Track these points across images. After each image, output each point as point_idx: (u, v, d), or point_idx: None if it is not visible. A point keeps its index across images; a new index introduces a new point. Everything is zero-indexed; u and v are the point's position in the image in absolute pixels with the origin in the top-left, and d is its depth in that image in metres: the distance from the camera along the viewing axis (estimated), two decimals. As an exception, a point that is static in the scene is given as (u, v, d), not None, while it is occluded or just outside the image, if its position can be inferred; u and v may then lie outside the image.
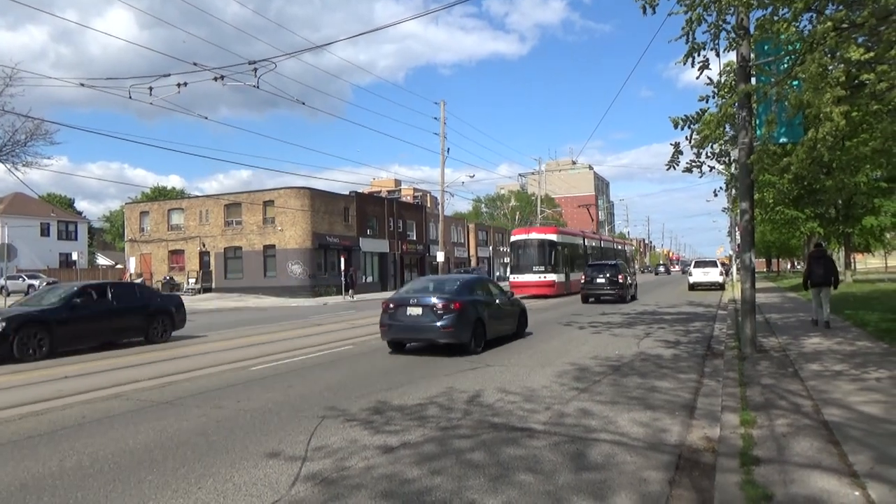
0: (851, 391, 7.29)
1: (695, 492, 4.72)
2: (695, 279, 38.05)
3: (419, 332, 12.41)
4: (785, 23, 8.93)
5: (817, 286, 14.32)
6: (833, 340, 11.68)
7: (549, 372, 9.91)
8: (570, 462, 5.40)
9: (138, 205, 52.64)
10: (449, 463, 5.43)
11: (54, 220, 64.27)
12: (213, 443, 6.28)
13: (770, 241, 49.48)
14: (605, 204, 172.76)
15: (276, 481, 5.08)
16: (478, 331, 12.45)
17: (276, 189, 44.96)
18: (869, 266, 64.33)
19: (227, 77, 19.68)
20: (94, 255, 75.61)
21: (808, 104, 8.58)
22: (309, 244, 42.58)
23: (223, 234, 45.30)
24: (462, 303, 12.31)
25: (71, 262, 55.50)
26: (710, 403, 7.45)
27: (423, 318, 12.25)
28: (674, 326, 16.63)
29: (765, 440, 5.55)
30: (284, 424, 6.95)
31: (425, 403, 7.83)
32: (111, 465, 5.60)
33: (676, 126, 11.74)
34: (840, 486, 4.35)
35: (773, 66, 10.53)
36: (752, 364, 9.66)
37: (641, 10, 10.57)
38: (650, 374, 9.62)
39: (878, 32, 8.14)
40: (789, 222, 31.93)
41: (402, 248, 54.17)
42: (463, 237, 69.37)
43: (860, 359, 9.50)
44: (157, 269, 47.24)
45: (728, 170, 14.81)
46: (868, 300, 19.45)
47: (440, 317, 12.03)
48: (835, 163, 16.62)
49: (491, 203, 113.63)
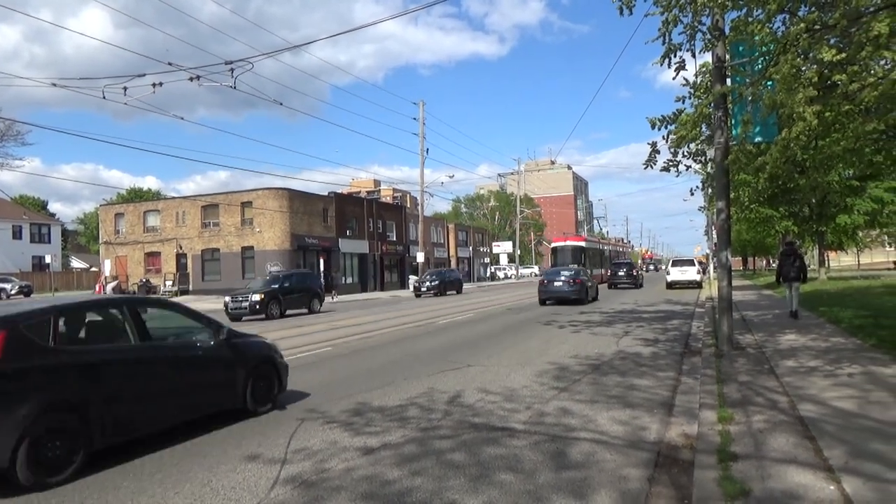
0: (826, 387, 7.40)
1: (674, 488, 4.76)
2: (672, 278, 38.43)
3: (560, 294, 25.79)
4: (759, 24, 9.03)
5: (788, 281, 15.75)
6: (808, 337, 11.86)
7: (529, 371, 9.93)
8: (550, 461, 5.41)
9: (113, 207, 51.87)
10: (429, 463, 5.42)
11: (27, 223, 63.14)
12: (190, 447, 6.20)
13: (746, 239, 50.12)
14: (584, 204, 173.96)
15: (255, 485, 5.03)
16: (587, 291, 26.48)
17: (255, 190, 44.56)
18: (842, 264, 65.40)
19: (203, 77, 19.49)
20: (68, 258, 74.40)
21: (781, 104, 8.70)
22: (288, 245, 42.27)
23: (200, 235, 44.81)
24: (582, 278, 26.41)
25: (44, 266, 54.68)
26: (689, 401, 7.52)
27: (562, 285, 25.93)
28: (652, 325, 16.77)
29: (742, 436, 5.61)
30: (263, 427, 6.89)
31: (406, 404, 7.80)
32: (85, 471, 5.49)
33: (654, 126, 11.84)
34: (816, 481, 4.42)
35: (747, 67, 10.66)
36: (730, 361, 9.77)
37: (619, 11, 10.64)
38: (629, 372, 9.69)
39: (849, 34, 8.28)
40: (765, 221, 32.38)
41: (382, 248, 54.00)
42: (443, 237, 69.34)
43: (834, 355, 9.66)
44: (133, 272, 46.58)
45: (704, 169, 14.97)
46: (842, 297, 19.78)
47: (571, 285, 25.75)
48: (808, 162, 16.89)
49: (471, 203, 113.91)
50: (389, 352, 12.92)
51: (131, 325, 6.34)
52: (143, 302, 7.42)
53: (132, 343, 6.28)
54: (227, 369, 7.21)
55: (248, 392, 7.40)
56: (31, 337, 5.41)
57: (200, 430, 6.75)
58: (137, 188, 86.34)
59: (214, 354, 7.10)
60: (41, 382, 5.29)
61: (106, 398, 5.72)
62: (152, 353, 6.42)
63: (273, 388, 7.85)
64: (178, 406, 6.63)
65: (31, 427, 5.05)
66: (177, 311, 7.38)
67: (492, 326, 17.71)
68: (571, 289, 25.87)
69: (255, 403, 7.46)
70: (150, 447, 6.19)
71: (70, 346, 5.91)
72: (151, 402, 6.29)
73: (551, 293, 26.05)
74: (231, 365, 7.26)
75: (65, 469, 5.25)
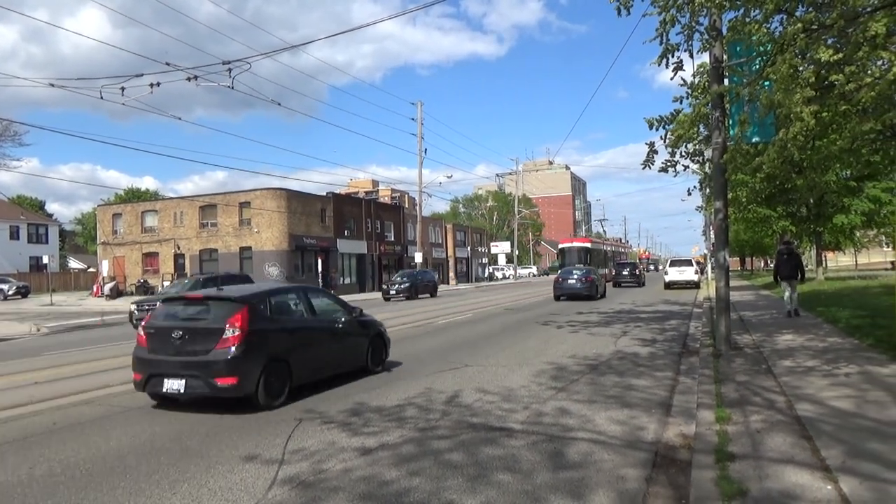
0: (823, 387, 7.41)
1: (671, 488, 4.76)
2: (670, 278, 38.48)
3: (573, 291, 28.42)
4: (756, 24, 9.04)
5: (786, 279, 15.95)
6: (805, 337, 11.88)
7: (527, 371, 9.93)
8: (548, 461, 5.41)
9: (111, 207, 51.78)
10: (427, 464, 5.42)
11: (24, 223, 62.98)
12: (188, 447, 6.20)
13: (744, 239, 50.11)
14: (582, 204, 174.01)
15: (252, 485, 5.02)
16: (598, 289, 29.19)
17: (253, 190, 44.49)
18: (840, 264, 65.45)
19: (200, 77, 19.46)
20: (65, 259, 74.24)
21: (778, 104, 8.70)
22: (286, 246, 42.23)
23: (198, 236, 44.75)
24: (592, 277, 29.00)
25: (42, 266, 54.44)
26: (686, 401, 7.52)
27: (575, 283, 28.67)
28: (650, 325, 16.78)
29: (740, 436, 5.62)
30: (261, 428, 6.88)
31: (404, 405, 7.80)
32: (83, 472, 5.49)
33: (651, 127, 11.86)
34: (813, 481, 4.42)
35: (745, 67, 10.67)
36: (727, 361, 9.78)
37: (616, 12, 10.65)
38: (627, 372, 9.69)
39: (846, 34, 8.29)
40: (762, 221, 32.43)
41: (380, 248, 53.98)
42: (441, 237, 69.31)
43: (831, 355, 9.67)
44: (131, 272, 46.50)
45: (702, 169, 15.00)
46: (839, 297, 19.80)
47: (584, 283, 28.45)
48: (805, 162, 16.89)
49: (469, 203, 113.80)
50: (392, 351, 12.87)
51: (306, 305, 9.20)
52: (310, 290, 10.18)
53: (307, 317, 9.13)
54: (357, 339, 9.95)
55: (369, 356, 10.07)
56: (260, 310, 8.16)
57: (200, 430, 6.73)
58: (135, 188, 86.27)
59: (350, 328, 9.75)
60: (267, 340, 7.97)
61: (297, 353, 8.41)
62: (318, 324, 9.25)
63: (383, 354, 10.58)
64: (332, 363, 9.29)
65: (264, 369, 7.71)
66: (326, 296, 10.52)
67: (490, 326, 17.71)
68: (583, 286, 28.62)
69: (373, 365, 10.13)
70: (150, 447, 6.19)
71: (278, 317, 8.50)
72: (320, 358, 8.99)
73: (565, 290, 28.99)
74: (359, 336, 10.00)
75: (279, 397, 7.98)
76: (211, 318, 7.98)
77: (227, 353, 7.51)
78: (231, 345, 7.55)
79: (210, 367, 7.47)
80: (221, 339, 7.60)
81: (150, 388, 7.92)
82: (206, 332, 7.78)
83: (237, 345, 7.55)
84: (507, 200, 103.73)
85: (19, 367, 12.48)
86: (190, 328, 7.87)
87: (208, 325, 7.87)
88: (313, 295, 9.78)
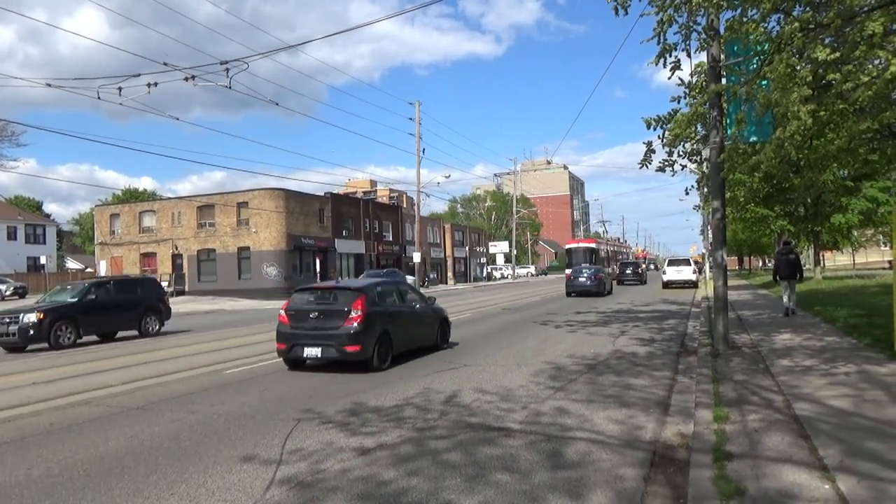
0: (821, 386, 7.42)
1: (669, 487, 4.76)
2: (669, 277, 38.55)
3: (584, 288, 31.16)
4: (753, 24, 9.06)
5: (785, 279, 16.22)
6: (803, 336, 11.89)
7: (525, 371, 9.94)
8: (546, 461, 5.41)
9: (109, 207, 51.77)
10: (426, 464, 5.41)
11: (22, 224, 62.86)
12: (186, 448, 6.19)
13: (742, 239, 50.18)
14: (581, 203, 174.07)
15: (250, 486, 5.02)
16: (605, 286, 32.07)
17: (251, 190, 44.51)
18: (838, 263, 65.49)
19: (198, 77, 19.43)
20: (63, 259, 74.11)
21: (776, 103, 8.72)
22: (284, 246, 42.22)
23: (196, 236, 44.72)
24: (601, 275, 32.06)
25: (39, 266, 54.49)
26: (684, 400, 7.53)
27: (585, 280, 31.43)
28: (648, 324, 16.79)
29: (737, 435, 5.62)
30: (259, 428, 6.87)
31: (402, 405, 7.80)
32: (81, 473, 5.48)
33: (649, 126, 11.88)
34: (811, 480, 4.42)
35: (742, 67, 10.68)
36: (725, 360, 9.79)
37: (614, 11, 10.65)
38: (625, 371, 9.70)
39: (843, 33, 8.30)
40: (760, 220, 32.45)
41: (379, 248, 53.99)
42: (439, 237, 69.33)
43: (829, 354, 9.68)
44: (129, 273, 46.45)
45: (700, 168, 15.02)
46: (837, 296, 19.83)
47: (593, 280, 31.26)
48: (803, 161, 16.92)
49: (467, 203, 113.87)
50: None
51: (398, 294, 12.10)
52: (400, 283, 14.05)
53: (399, 303, 11.89)
54: (432, 321, 12.75)
55: (438, 335, 12.83)
56: (372, 297, 10.82)
57: (198, 431, 6.73)
58: (133, 189, 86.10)
59: (427, 313, 12.61)
60: (377, 319, 10.56)
61: (396, 329, 11.02)
62: (407, 309, 12.06)
63: (447, 335, 13.31)
64: (416, 339, 12.02)
65: (377, 340, 10.35)
66: (409, 288, 13.32)
67: (489, 326, 17.71)
68: (593, 283, 31.86)
69: (441, 342, 12.85)
70: (148, 448, 6.18)
71: (382, 303, 11.15)
72: (409, 334, 11.72)
73: (576, 287, 32.15)
74: (433, 319, 12.80)
75: (386, 362, 10.60)
76: (339, 303, 10.59)
77: (352, 328, 10.14)
78: (355, 322, 10.17)
79: (340, 338, 10.13)
80: (348, 318, 10.22)
81: (293, 354, 10.55)
82: (336, 312, 10.42)
83: (360, 322, 10.16)
84: (505, 200, 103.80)
85: (17, 368, 12.45)
86: (323, 310, 10.61)
87: (337, 308, 10.50)
88: (402, 287, 12.88)
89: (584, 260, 49.42)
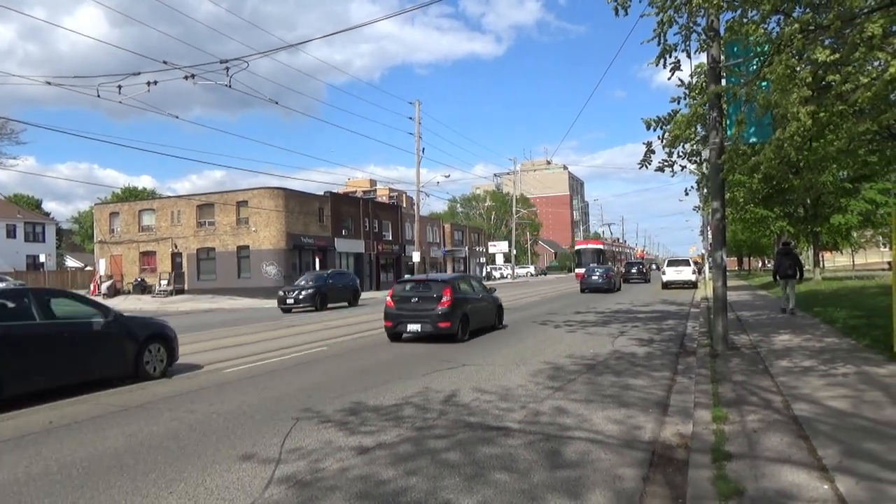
0: (820, 387, 7.43)
1: (668, 488, 4.77)
2: (668, 278, 38.54)
3: (596, 285, 34.95)
4: (753, 25, 9.06)
5: (785, 279, 16.48)
6: (802, 337, 11.90)
7: (524, 371, 9.94)
8: (545, 460, 5.42)
9: (108, 206, 51.66)
10: (424, 463, 5.42)
11: (21, 222, 62.82)
12: (185, 447, 6.19)
13: (741, 239, 50.17)
14: (580, 204, 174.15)
15: (249, 484, 5.02)
16: (615, 283, 36.58)
17: (250, 189, 44.44)
18: (837, 264, 65.50)
19: (198, 76, 19.43)
20: (62, 257, 74.09)
21: (775, 104, 8.72)
22: (283, 245, 42.20)
23: (196, 234, 44.68)
24: (611, 274, 36.40)
25: (39, 265, 54.41)
26: (683, 400, 7.53)
27: (598, 279, 35.34)
28: (647, 325, 16.80)
29: (736, 436, 5.63)
30: (258, 427, 6.88)
31: (401, 404, 7.80)
32: (79, 471, 5.49)
33: (649, 127, 11.88)
34: (809, 480, 4.43)
35: (742, 68, 10.69)
36: (724, 361, 9.79)
37: (614, 12, 10.65)
38: (624, 372, 9.71)
39: (843, 34, 8.31)
40: (760, 221, 32.45)
41: (378, 248, 53.96)
42: (439, 237, 69.34)
43: (828, 355, 9.69)
44: (128, 271, 46.44)
45: (699, 169, 15.01)
46: (836, 297, 19.83)
47: (604, 279, 35.28)
48: (802, 162, 16.94)
49: (466, 203, 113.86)
50: (384, 351, 12.90)
51: (469, 285, 15.51)
52: (471, 277, 18.20)
53: (470, 292, 15.22)
54: (492, 307, 16.25)
55: (497, 319, 16.52)
56: (456, 286, 14.22)
57: (197, 430, 6.72)
58: (132, 187, 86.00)
59: (488, 299, 16.21)
60: (460, 304, 14.03)
61: (470, 312, 14.40)
62: (476, 296, 15.44)
63: (503, 318, 17.14)
64: (482, 319, 15.36)
65: (460, 319, 13.85)
66: (475, 279, 17.67)
67: (487, 326, 17.71)
68: (604, 281, 35.54)
69: (497, 323, 16.61)
70: (147, 447, 6.18)
71: (461, 291, 14.49)
72: (478, 316, 15.03)
73: (589, 284, 35.77)
74: (493, 305, 16.40)
75: (466, 335, 14.03)
76: (432, 290, 14.01)
77: (443, 310, 13.52)
78: (446, 305, 13.56)
79: (435, 317, 13.52)
80: (441, 302, 13.61)
81: (398, 329, 13.99)
82: (431, 298, 13.83)
83: (448, 305, 13.56)
84: (504, 200, 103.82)
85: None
86: (421, 295, 14.06)
87: (431, 294, 13.90)
88: (472, 280, 16.53)
89: (592, 260, 54.85)
